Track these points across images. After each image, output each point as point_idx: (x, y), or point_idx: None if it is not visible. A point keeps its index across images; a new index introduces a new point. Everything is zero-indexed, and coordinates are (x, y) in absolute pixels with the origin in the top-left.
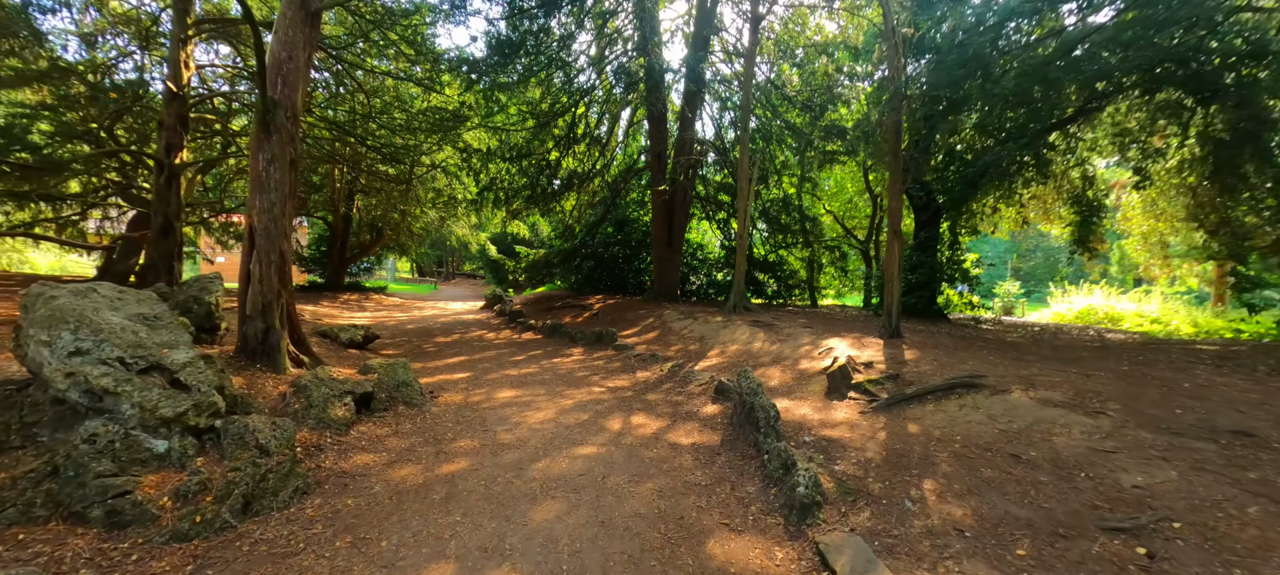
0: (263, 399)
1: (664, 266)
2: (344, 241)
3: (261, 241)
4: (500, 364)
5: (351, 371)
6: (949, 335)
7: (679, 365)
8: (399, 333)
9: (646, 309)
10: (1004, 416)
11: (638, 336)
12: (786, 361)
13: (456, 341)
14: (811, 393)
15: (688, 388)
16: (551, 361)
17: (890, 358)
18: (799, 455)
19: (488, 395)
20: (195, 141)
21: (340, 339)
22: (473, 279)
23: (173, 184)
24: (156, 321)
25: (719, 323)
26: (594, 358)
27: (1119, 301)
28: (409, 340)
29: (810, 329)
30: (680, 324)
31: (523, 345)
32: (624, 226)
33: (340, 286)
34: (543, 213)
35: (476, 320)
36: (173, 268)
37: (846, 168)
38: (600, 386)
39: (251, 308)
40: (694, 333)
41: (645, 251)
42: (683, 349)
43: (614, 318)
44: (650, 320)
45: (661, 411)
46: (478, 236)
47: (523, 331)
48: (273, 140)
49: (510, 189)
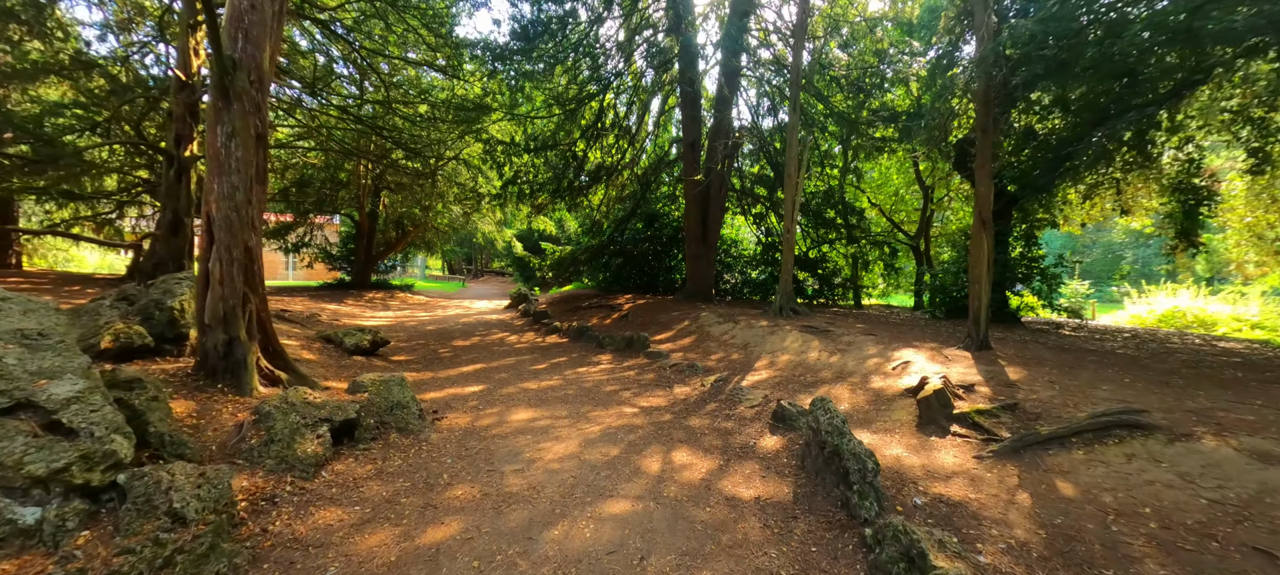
0: (213, 433)
1: (698, 264)
2: (370, 239)
3: (221, 234)
4: (519, 373)
5: (340, 389)
6: (1044, 345)
7: (723, 379)
8: (416, 335)
9: (680, 310)
10: (1206, 477)
11: (672, 342)
12: (853, 378)
13: (475, 345)
14: (897, 423)
15: (737, 410)
16: (577, 371)
17: (990, 377)
18: (924, 537)
19: (500, 416)
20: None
21: (344, 345)
22: (501, 276)
23: (183, 178)
24: (40, 341)
25: (764, 327)
26: (624, 367)
27: (1209, 303)
28: (425, 344)
29: (873, 336)
30: (719, 328)
31: (546, 350)
32: (654, 222)
33: (367, 284)
34: (569, 207)
35: (499, 321)
36: (183, 265)
37: (894, 158)
38: (632, 405)
39: (210, 315)
40: (736, 339)
41: (676, 248)
42: (724, 358)
43: (645, 320)
44: (685, 323)
45: (709, 444)
46: (503, 233)
47: (547, 334)
48: (233, 110)
49: (534, 183)
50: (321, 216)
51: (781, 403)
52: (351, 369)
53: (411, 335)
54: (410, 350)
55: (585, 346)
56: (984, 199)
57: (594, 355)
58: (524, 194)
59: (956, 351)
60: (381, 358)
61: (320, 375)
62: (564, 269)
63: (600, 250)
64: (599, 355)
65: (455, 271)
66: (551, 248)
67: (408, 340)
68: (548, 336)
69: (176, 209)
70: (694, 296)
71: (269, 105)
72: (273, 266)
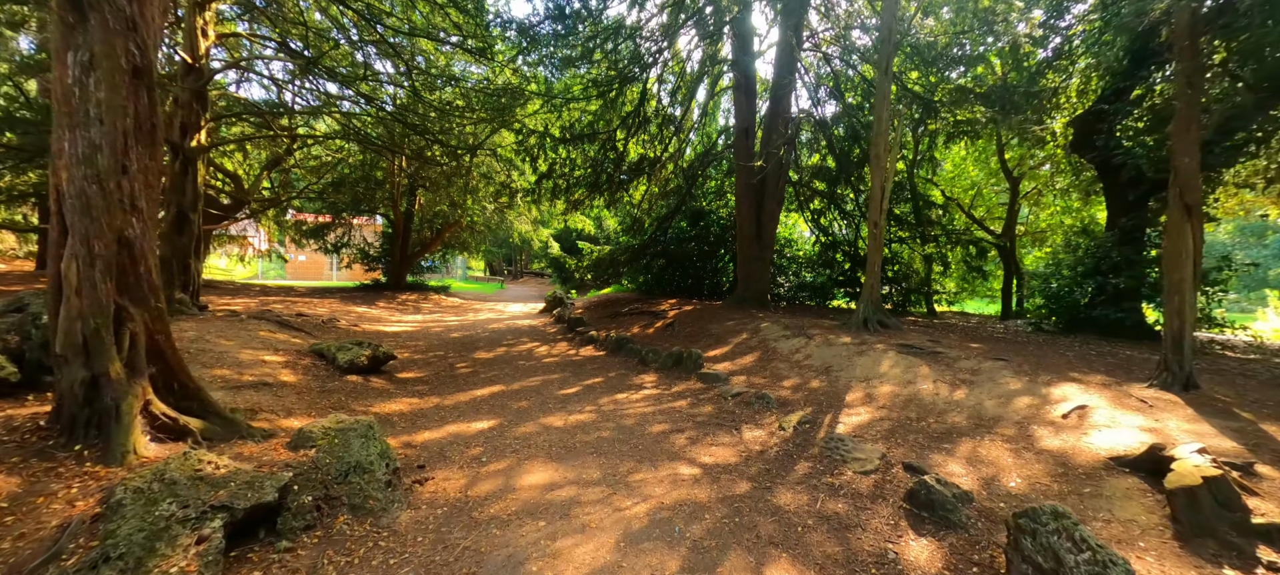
0: (20, 543)
1: (751, 266)
2: (405, 239)
3: (76, 220)
4: (544, 401)
5: (280, 443)
6: (1259, 380)
7: (810, 421)
8: (437, 344)
9: (734, 319)
10: None
11: (729, 361)
12: (1003, 428)
13: (499, 359)
14: (1131, 529)
15: (843, 476)
16: (614, 399)
17: (1252, 442)
18: None
19: (508, 478)
20: (240, 129)
21: (337, 361)
22: (540, 278)
23: (189, 171)
24: None
25: (848, 345)
26: (673, 393)
27: None
28: (442, 357)
29: (1002, 361)
30: (788, 344)
31: (579, 367)
32: (699, 220)
33: (402, 286)
34: (608, 204)
35: (531, 328)
36: (188, 266)
37: (974, 146)
38: (690, 462)
39: (64, 342)
40: (813, 359)
41: (723, 248)
42: (801, 386)
43: (694, 330)
44: (743, 336)
45: (821, 552)
46: (539, 233)
47: (581, 345)
48: (90, 26)
49: (571, 177)
50: (360, 218)
51: (924, 480)
52: (336, 396)
53: (431, 344)
54: (423, 365)
55: (625, 363)
56: (1189, 178)
57: (635, 375)
58: (559, 189)
59: (1149, 391)
60: (384, 376)
61: (279, 411)
62: (602, 271)
63: (641, 251)
64: (641, 376)
65: (496, 273)
66: (589, 248)
67: (425, 351)
68: (582, 348)
69: (181, 204)
70: (747, 302)
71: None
72: (318, 267)
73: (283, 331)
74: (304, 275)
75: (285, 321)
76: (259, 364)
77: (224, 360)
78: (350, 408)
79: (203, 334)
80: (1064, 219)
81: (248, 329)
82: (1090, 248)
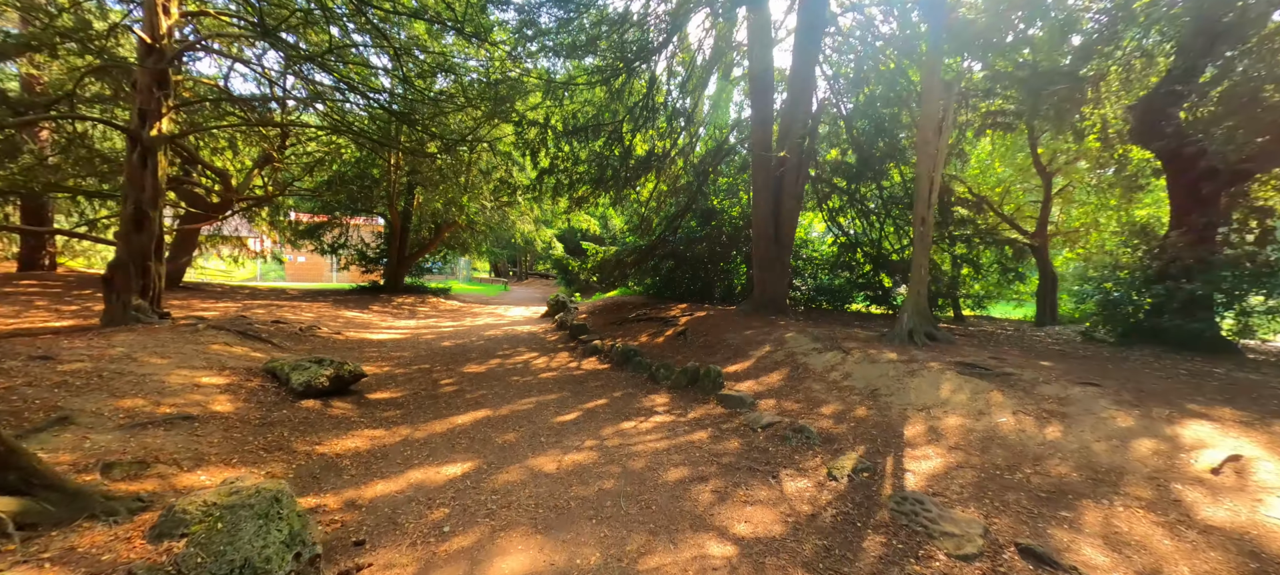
0: None
1: (769, 268)
2: (402, 240)
3: None
4: (535, 434)
5: (135, 538)
6: None
7: (866, 468)
8: (423, 356)
9: (753, 327)
10: None
11: (754, 379)
12: (1131, 483)
13: (490, 373)
14: None
15: (931, 560)
16: (620, 430)
17: None
18: None
19: (473, 564)
20: (220, 124)
21: (291, 383)
22: (545, 279)
23: (148, 161)
24: None
25: (895, 362)
26: (691, 421)
27: None
28: (426, 372)
29: (1089, 385)
30: (820, 359)
31: (580, 384)
32: (710, 219)
33: (400, 288)
34: (614, 202)
35: (530, 334)
36: (148, 269)
37: (1006, 140)
38: (720, 533)
39: None
40: (853, 379)
41: (736, 249)
42: (844, 414)
43: (710, 339)
44: (766, 348)
45: None
46: (541, 233)
47: (584, 356)
48: None
49: (574, 173)
50: (357, 218)
51: None
52: (278, 430)
53: (417, 355)
54: (401, 382)
55: (633, 379)
56: None
57: (644, 396)
58: (562, 186)
59: None
60: (350, 399)
61: (187, 459)
62: (608, 272)
63: (649, 252)
64: (652, 397)
65: (501, 274)
66: (594, 248)
67: (408, 364)
68: (585, 361)
69: (139, 199)
70: (764, 307)
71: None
72: (318, 269)
73: (242, 344)
74: (304, 277)
75: (248, 332)
76: (190, 390)
77: (144, 387)
78: (291, 447)
79: (134, 351)
80: (1099, 217)
81: (199, 342)
82: (1152, 249)
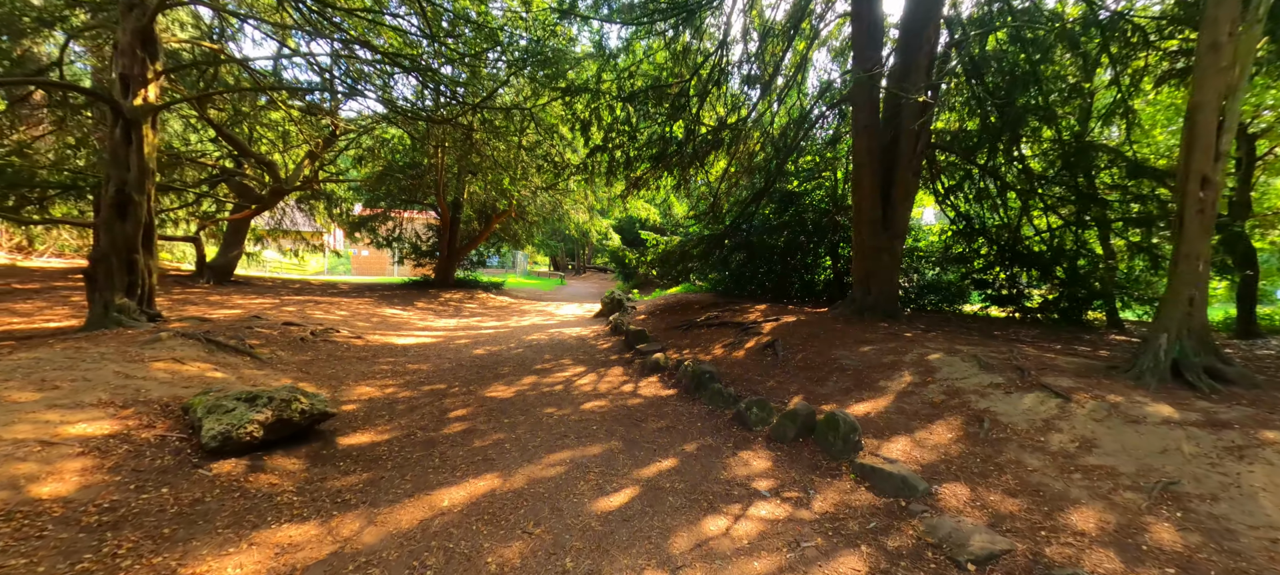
0: None
1: (874, 260)
2: (452, 232)
3: None
4: (559, 540)
5: None
6: None
7: None
8: (445, 370)
9: (868, 338)
10: None
11: (906, 434)
12: None
13: (517, 401)
14: None
15: None
16: (702, 539)
17: None
18: None
19: None
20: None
21: (201, 434)
22: (602, 273)
23: (133, 136)
24: None
25: (1175, 424)
26: (820, 523)
27: None
28: (440, 396)
29: None
30: (1012, 406)
31: (636, 424)
32: (789, 204)
33: (449, 283)
34: (678, 184)
35: (579, 340)
36: (135, 263)
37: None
38: None
39: None
40: (1104, 454)
41: (820, 238)
42: (1127, 537)
43: (809, 354)
44: (906, 377)
45: None
46: (596, 222)
47: (643, 374)
48: None
49: (630, 148)
50: (411, 211)
51: None
52: (127, 532)
53: (438, 370)
54: (399, 415)
55: (711, 421)
56: None
57: (732, 453)
58: (617, 164)
59: None
60: (305, 448)
61: None
62: (670, 266)
63: (717, 242)
64: (744, 454)
65: (560, 268)
66: (654, 239)
67: (421, 383)
68: (643, 382)
69: (123, 181)
70: (868, 310)
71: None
72: (382, 263)
73: (203, 360)
74: (369, 271)
75: (223, 343)
76: (30, 451)
77: None
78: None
79: (30, 372)
80: None
81: (144, 358)
82: None
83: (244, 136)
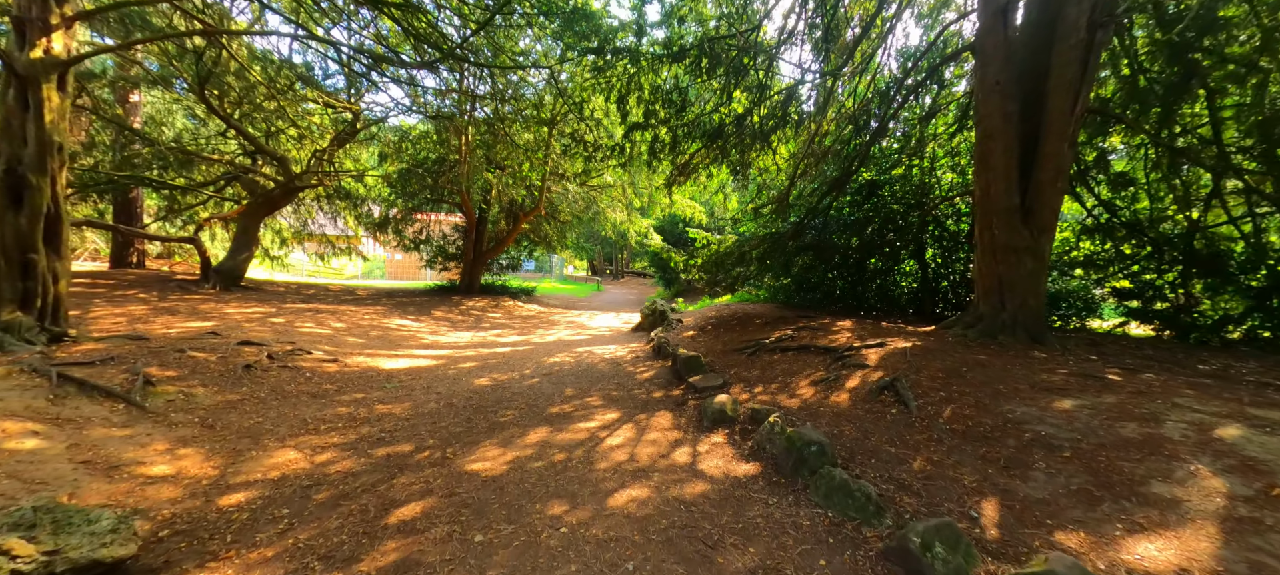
0: None
1: (1011, 264)
2: (478, 234)
3: None
4: None
5: None
6: None
7: None
8: (422, 416)
9: (1039, 378)
10: None
11: None
12: None
13: (505, 482)
14: None
15: None
16: None
17: None
18: None
19: None
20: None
21: None
22: (641, 278)
23: (30, 100)
24: None
25: None
26: None
27: None
28: (388, 472)
29: None
30: None
31: (702, 541)
32: (871, 194)
33: (474, 288)
34: (734, 171)
35: (612, 364)
36: (32, 265)
37: None
38: None
39: None
40: None
41: (906, 237)
42: None
43: (960, 408)
44: (1205, 477)
45: None
46: (635, 222)
47: (700, 428)
48: None
49: (676, 125)
50: (436, 213)
51: None
52: None
53: (414, 415)
54: (308, 520)
55: (835, 541)
56: None
57: None
58: (660, 145)
59: None
60: None
61: None
62: (726, 269)
63: (781, 242)
64: None
65: (598, 272)
66: (704, 237)
67: (377, 441)
68: (702, 442)
69: (17, 158)
70: (1005, 331)
71: None
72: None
73: (34, 418)
74: (402, 275)
75: (90, 382)
76: None
77: None
78: None
79: None
80: None
81: None
82: None
83: (261, 134)
